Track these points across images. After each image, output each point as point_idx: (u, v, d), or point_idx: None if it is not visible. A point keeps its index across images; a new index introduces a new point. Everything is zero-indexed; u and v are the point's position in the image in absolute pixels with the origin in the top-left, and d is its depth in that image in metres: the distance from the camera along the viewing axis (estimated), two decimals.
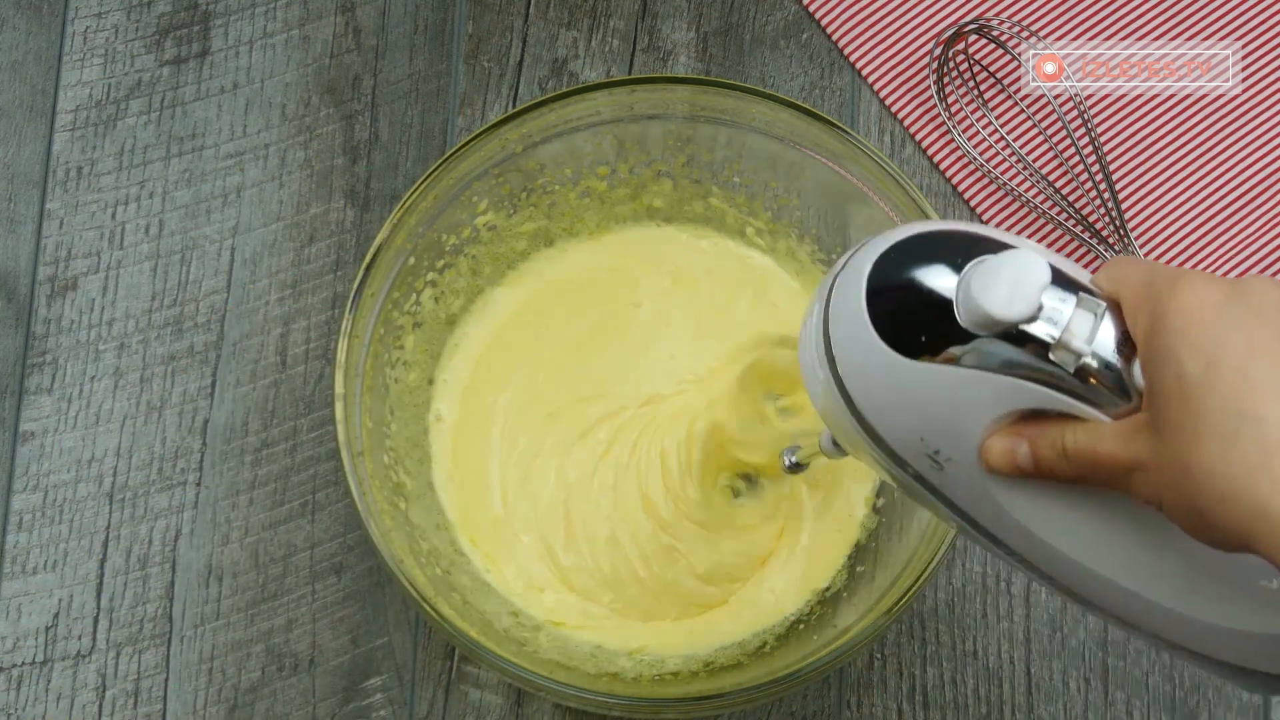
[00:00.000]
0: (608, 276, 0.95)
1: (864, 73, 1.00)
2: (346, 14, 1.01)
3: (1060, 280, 0.64)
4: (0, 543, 0.94)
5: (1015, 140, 0.98)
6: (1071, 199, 0.97)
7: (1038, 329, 0.63)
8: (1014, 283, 0.63)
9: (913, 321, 0.65)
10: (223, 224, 0.98)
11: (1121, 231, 0.95)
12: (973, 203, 0.98)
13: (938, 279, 0.65)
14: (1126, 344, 0.63)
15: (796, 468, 0.85)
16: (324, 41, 1.01)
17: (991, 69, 0.99)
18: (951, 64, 0.98)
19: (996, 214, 0.98)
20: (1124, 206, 0.98)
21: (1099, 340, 0.63)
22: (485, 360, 0.94)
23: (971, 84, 0.98)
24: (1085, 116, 0.95)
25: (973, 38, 0.98)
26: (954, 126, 0.98)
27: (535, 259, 0.96)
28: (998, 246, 0.65)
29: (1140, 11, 1.00)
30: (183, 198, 0.99)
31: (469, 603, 0.87)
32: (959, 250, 0.65)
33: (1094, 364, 0.63)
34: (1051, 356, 0.63)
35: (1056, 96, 0.97)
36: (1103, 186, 0.96)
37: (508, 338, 0.94)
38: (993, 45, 0.99)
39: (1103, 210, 0.96)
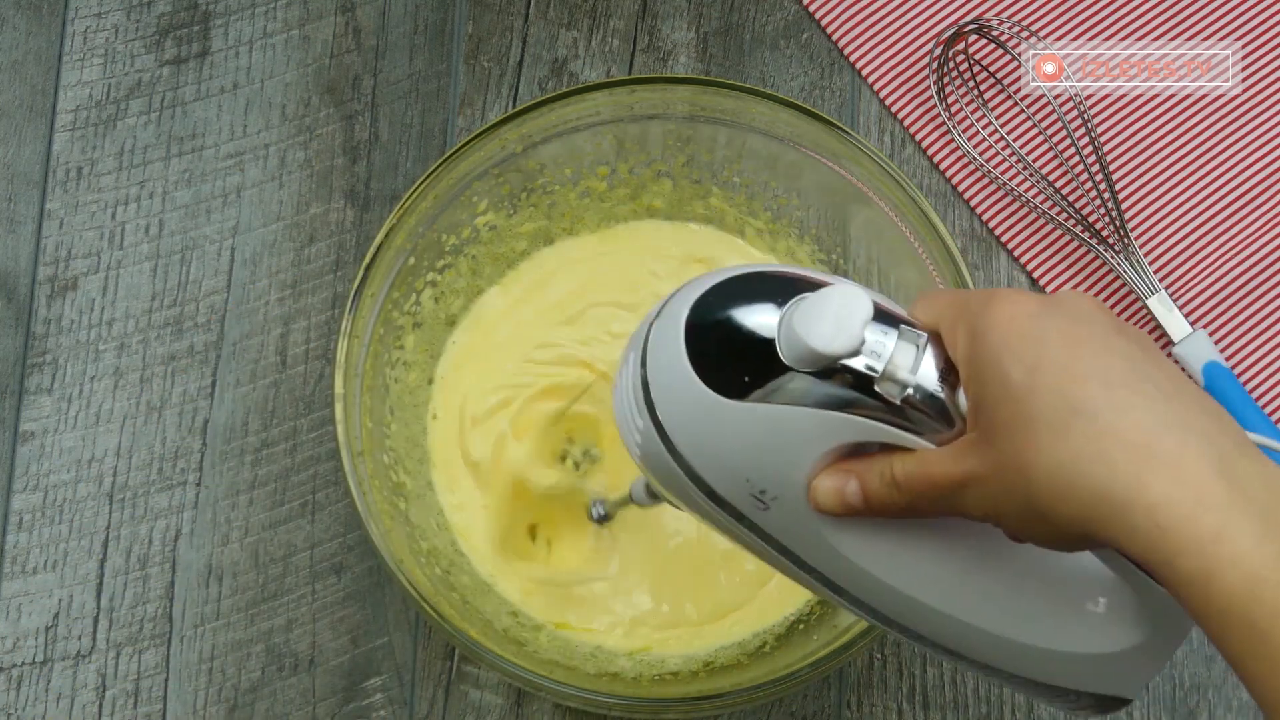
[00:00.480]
0: (608, 276, 0.95)
1: (864, 73, 1.00)
2: (346, 14, 1.01)
3: (880, 315, 0.64)
4: (0, 543, 0.94)
5: (1015, 140, 0.98)
6: (1071, 199, 0.97)
7: (861, 363, 0.63)
8: (837, 318, 0.63)
9: (734, 361, 0.65)
10: (223, 224, 0.98)
11: (1121, 232, 0.95)
12: (973, 203, 0.98)
13: (758, 317, 0.65)
14: (950, 372, 0.64)
15: (605, 519, 0.86)
16: (324, 41, 1.01)
17: (991, 69, 0.99)
18: (951, 64, 0.98)
19: (996, 214, 0.98)
20: (1124, 206, 0.98)
21: (922, 370, 0.64)
22: (486, 360, 0.94)
23: (971, 84, 0.98)
24: (1085, 116, 0.95)
25: (973, 38, 0.98)
26: (954, 126, 0.98)
27: (535, 259, 0.95)
28: (816, 285, 0.66)
29: (1140, 11, 1.00)
30: (183, 198, 0.99)
31: (469, 603, 0.87)
32: (778, 289, 0.65)
33: (918, 394, 0.64)
34: (877, 389, 0.64)
35: (1056, 96, 0.97)
36: (1103, 186, 0.96)
37: (508, 338, 0.94)
38: (993, 45, 0.99)
39: (1103, 210, 0.96)
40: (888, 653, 0.93)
